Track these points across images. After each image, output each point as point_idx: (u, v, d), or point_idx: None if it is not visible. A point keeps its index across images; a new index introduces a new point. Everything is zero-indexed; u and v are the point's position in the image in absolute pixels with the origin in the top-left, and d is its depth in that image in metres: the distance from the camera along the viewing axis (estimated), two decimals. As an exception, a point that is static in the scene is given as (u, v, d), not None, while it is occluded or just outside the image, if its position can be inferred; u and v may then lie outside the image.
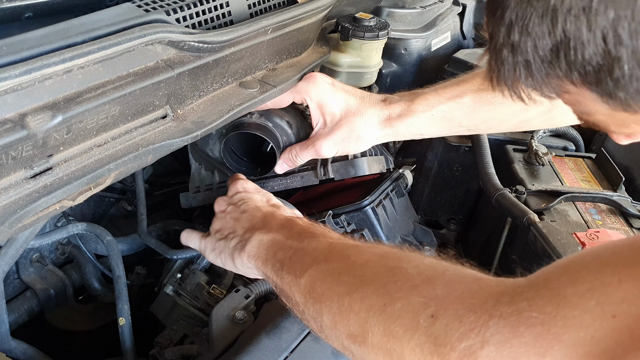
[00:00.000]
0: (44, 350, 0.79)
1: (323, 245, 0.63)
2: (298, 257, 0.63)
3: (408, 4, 1.29)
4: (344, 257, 0.60)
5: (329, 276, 0.58)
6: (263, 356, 0.65)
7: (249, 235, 0.71)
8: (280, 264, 0.65)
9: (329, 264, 0.59)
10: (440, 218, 1.27)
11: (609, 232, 0.89)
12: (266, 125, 0.87)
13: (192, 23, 0.69)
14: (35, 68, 0.49)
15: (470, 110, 0.82)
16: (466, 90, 0.82)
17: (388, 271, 0.54)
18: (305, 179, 0.92)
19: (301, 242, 0.65)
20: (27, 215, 0.53)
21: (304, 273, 0.60)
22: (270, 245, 0.68)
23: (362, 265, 0.57)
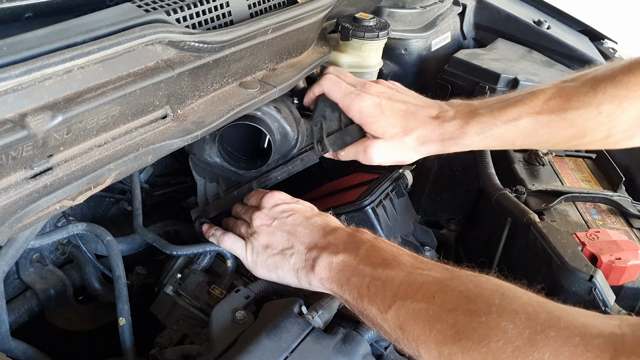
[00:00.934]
0: (44, 350, 0.79)
1: (400, 277, 0.63)
2: (376, 288, 0.64)
3: (408, 4, 1.29)
4: (428, 296, 0.59)
5: (419, 318, 0.58)
6: (263, 356, 0.64)
7: (316, 255, 0.71)
8: (358, 292, 0.65)
9: (414, 304, 0.60)
10: (440, 218, 1.27)
11: (609, 232, 0.89)
12: (255, 114, 0.86)
13: (192, 23, 0.69)
14: (36, 68, 0.49)
15: (526, 133, 0.80)
16: (523, 113, 0.79)
17: (486, 324, 0.53)
18: (305, 160, 0.92)
19: (374, 269, 0.66)
20: (27, 215, 0.53)
21: (389, 309, 0.61)
22: (342, 268, 0.68)
23: (453, 311, 0.56)
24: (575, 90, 0.78)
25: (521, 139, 0.81)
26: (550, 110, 0.78)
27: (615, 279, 0.83)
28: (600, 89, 0.76)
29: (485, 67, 1.24)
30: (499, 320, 0.53)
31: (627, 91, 0.75)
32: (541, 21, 1.47)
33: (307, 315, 0.71)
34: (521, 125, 0.80)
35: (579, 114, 0.77)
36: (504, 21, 1.49)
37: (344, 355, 0.67)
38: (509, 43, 1.44)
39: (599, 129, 0.77)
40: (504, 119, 0.80)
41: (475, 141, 0.82)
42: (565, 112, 0.77)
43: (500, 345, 0.51)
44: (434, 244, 1.06)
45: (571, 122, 0.77)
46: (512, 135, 0.81)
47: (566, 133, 0.79)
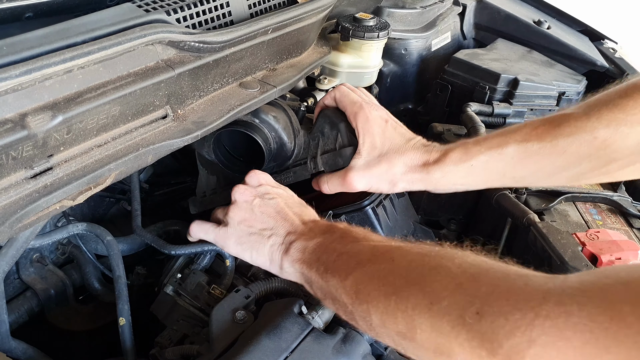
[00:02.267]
0: (44, 350, 0.79)
1: (366, 248, 0.64)
2: (342, 260, 0.64)
3: (408, 4, 1.29)
4: (387, 259, 0.60)
5: (375, 277, 0.59)
6: (263, 356, 0.65)
7: (293, 239, 0.71)
8: (324, 266, 0.65)
9: (374, 266, 0.60)
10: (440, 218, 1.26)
11: (609, 232, 0.89)
12: (252, 121, 0.86)
13: (192, 23, 0.69)
14: (36, 68, 0.50)
15: (515, 161, 0.75)
16: (509, 141, 0.75)
17: (432, 270, 0.55)
18: (297, 174, 0.91)
19: (344, 245, 0.66)
20: (27, 215, 0.53)
21: (349, 275, 0.61)
22: (314, 249, 0.69)
23: (406, 266, 0.58)
24: (566, 116, 0.73)
25: (510, 168, 0.76)
26: (539, 138, 0.73)
27: (615, 279, 0.83)
28: (594, 113, 0.70)
29: (486, 67, 1.24)
30: (443, 262, 0.55)
31: (625, 114, 0.69)
32: (541, 21, 1.47)
33: (307, 315, 0.71)
34: (508, 153, 0.75)
35: (572, 140, 0.71)
36: (504, 21, 1.50)
37: (344, 355, 0.67)
38: (509, 43, 1.44)
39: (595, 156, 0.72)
40: (489, 145, 0.77)
41: (461, 170, 0.78)
42: (556, 139, 0.72)
43: (443, 283, 0.53)
44: (434, 244, 1.06)
45: (563, 149, 0.72)
46: (501, 164, 0.77)
47: (559, 162, 0.73)
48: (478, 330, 0.48)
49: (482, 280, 0.51)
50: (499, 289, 0.49)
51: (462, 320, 0.49)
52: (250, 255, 0.74)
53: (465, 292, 0.51)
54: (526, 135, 0.75)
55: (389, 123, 0.84)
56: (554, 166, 0.74)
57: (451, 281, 0.53)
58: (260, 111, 0.86)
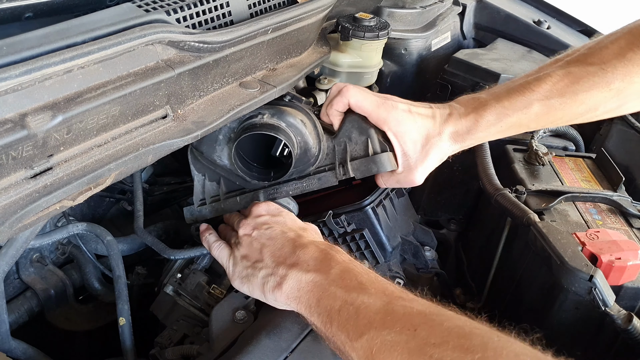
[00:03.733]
0: (44, 350, 0.79)
1: (377, 305, 0.59)
2: (349, 314, 0.60)
3: (408, 4, 1.29)
4: (408, 327, 0.55)
5: (395, 350, 0.54)
6: (263, 356, 0.65)
7: (284, 272, 0.68)
8: (328, 316, 0.61)
9: (391, 334, 0.55)
10: (440, 218, 1.27)
11: (609, 232, 0.89)
12: (279, 124, 0.82)
13: (192, 23, 0.69)
14: (36, 68, 0.50)
15: (539, 117, 0.81)
16: (533, 100, 0.80)
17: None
18: (323, 180, 0.86)
19: (348, 292, 0.62)
20: (27, 215, 0.53)
21: (360, 337, 0.57)
22: (312, 288, 0.65)
23: (438, 346, 0.52)
24: (583, 71, 0.79)
25: (535, 122, 0.82)
26: (561, 94, 0.79)
27: (615, 278, 0.83)
28: (610, 68, 0.77)
29: (485, 67, 1.24)
30: (497, 358, 0.49)
31: (638, 68, 0.76)
32: (541, 21, 1.47)
33: (307, 315, 0.71)
34: (533, 111, 0.80)
35: (590, 94, 0.78)
36: (504, 21, 1.50)
37: (343, 355, 0.67)
38: (508, 43, 1.44)
39: (610, 102, 0.80)
40: (515, 107, 0.81)
41: (491, 132, 0.83)
42: (576, 94, 0.79)
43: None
44: (434, 244, 1.06)
45: (582, 101, 0.79)
46: (526, 121, 0.82)
47: (579, 110, 0.80)
48: None
49: None
50: None
51: None
52: (247, 289, 0.73)
53: None
54: (548, 92, 0.80)
55: (413, 111, 0.84)
56: (573, 114, 0.81)
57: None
58: (288, 114, 0.83)
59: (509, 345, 0.50)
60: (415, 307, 0.58)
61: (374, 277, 0.65)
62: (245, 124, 0.83)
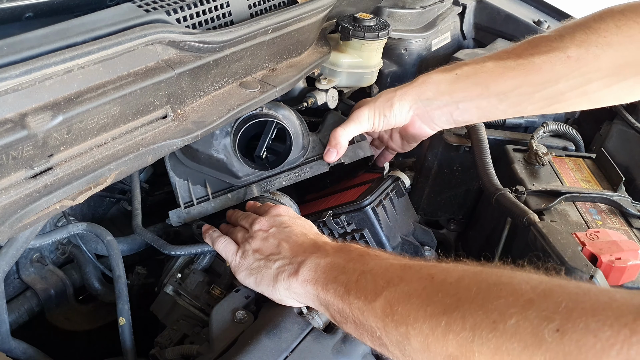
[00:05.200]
0: (44, 350, 0.79)
1: (394, 266, 0.59)
2: (366, 280, 0.59)
3: (408, 4, 1.29)
4: (425, 276, 0.55)
5: (414, 297, 0.54)
6: (263, 356, 0.65)
7: (302, 259, 0.68)
8: (345, 288, 0.61)
9: (410, 284, 0.55)
10: (440, 218, 1.27)
11: (609, 232, 0.89)
12: (277, 114, 0.88)
13: (192, 23, 0.69)
14: (36, 68, 0.50)
15: (495, 75, 0.81)
16: (488, 58, 0.83)
17: (491, 287, 0.49)
18: (315, 168, 0.93)
19: (365, 264, 0.62)
20: (27, 215, 0.53)
21: (379, 296, 0.57)
22: (329, 268, 0.64)
23: (455, 283, 0.52)
24: (543, 37, 0.79)
25: (492, 82, 0.82)
26: (517, 55, 0.79)
27: (615, 279, 0.83)
28: (568, 34, 0.76)
29: (485, 67, 1.24)
30: (510, 280, 0.49)
31: (597, 37, 0.74)
32: (541, 21, 1.47)
33: (307, 315, 0.71)
34: (488, 66, 0.81)
35: (546, 58, 0.76)
36: (504, 21, 1.50)
37: (343, 355, 0.67)
38: (508, 43, 1.44)
39: (572, 76, 0.77)
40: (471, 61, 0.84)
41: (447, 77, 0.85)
42: (532, 56, 0.78)
43: (510, 300, 0.47)
44: (434, 244, 1.06)
45: (539, 66, 0.77)
46: (483, 75, 0.82)
47: (537, 79, 0.79)
48: (560, 350, 0.42)
49: (559, 296, 0.45)
50: (581, 304, 0.43)
51: (538, 339, 0.44)
52: (254, 281, 0.72)
53: (539, 309, 0.45)
54: (503, 54, 0.82)
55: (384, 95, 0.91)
56: (533, 83, 0.80)
57: (519, 298, 0.47)
58: (282, 108, 0.90)
59: (520, 275, 0.50)
60: (433, 264, 0.59)
61: (390, 254, 0.66)
62: (245, 115, 0.86)
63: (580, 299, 0.44)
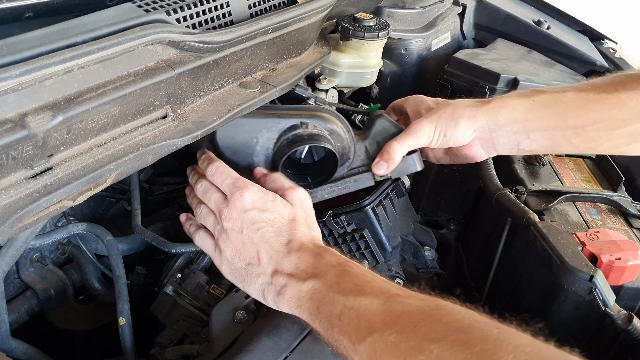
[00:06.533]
0: (44, 350, 0.80)
1: (376, 306, 0.58)
2: (349, 319, 0.59)
3: (408, 4, 1.29)
4: (408, 325, 0.55)
5: (398, 351, 0.54)
6: (263, 356, 0.65)
7: (283, 282, 0.66)
8: (329, 322, 0.61)
9: (393, 335, 0.55)
10: (440, 218, 1.27)
11: (609, 232, 0.89)
12: (323, 133, 0.83)
13: (192, 23, 0.69)
14: (36, 68, 0.50)
15: (576, 107, 0.76)
16: (568, 88, 0.78)
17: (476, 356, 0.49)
18: (360, 182, 0.88)
19: (345, 297, 0.61)
20: (27, 215, 0.53)
21: (363, 340, 0.57)
22: (311, 296, 0.64)
23: (436, 342, 0.52)
24: (629, 75, 0.75)
25: (573, 113, 0.76)
26: (600, 89, 0.74)
27: (615, 279, 0.83)
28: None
29: (485, 67, 1.24)
30: (495, 351, 0.48)
31: None
32: (541, 21, 1.47)
33: (307, 315, 0.71)
34: (568, 96, 0.76)
35: (634, 94, 0.72)
36: (504, 21, 1.50)
37: (343, 356, 0.67)
38: (508, 43, 1.44)
39: None
40: (550, 89, 0.79)
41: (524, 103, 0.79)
42: (617, 91, 0.73)
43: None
44: (434, 244, 1.06)
45: (624, 102, 0.73)
46: (561, 106, 0.76)
47: (619, 115, 0.73)
48: None
49: None
50: None
51: None
52: (242, 287, 0.71)
53: None
54: (584, 86, 0.77)
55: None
56: (615, 119, 0.75)
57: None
58: (328, 121, 0.85)
59: (509, 337, 0.50)
60: (414, 303, 0.58)
61: (370, 277, 0.64)
62: (289, 135, 0.83)
63: None
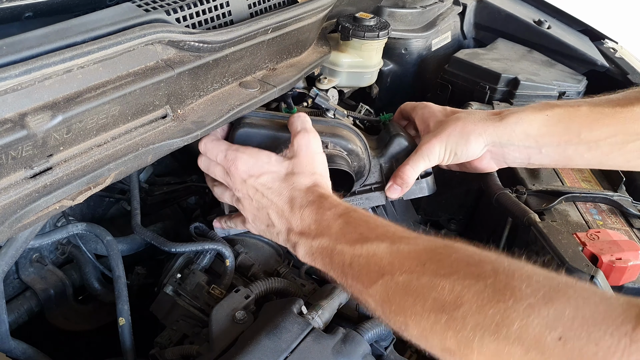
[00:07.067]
0: (43, 350, 0.79)
1: (383, 250, 0.59)
2: (360, 265, 0.61)
3: (408, 4, 1.29)
4: (416, 264, 0.55)
5: (409, 290, 0.54)
6: (263, 356, 0.64)
7: (296, 240, 0.71)
8: (341, 271, 0.63)
9: (402, 275, 0.55)
10: (440, 218, 1.26)
11: (610, 232, 0.89)
12: (342, 154, 0.83)
13: (192, 23, 0.69)
14: (35, 68, 0.49)
15: (590, 121, 0.75)
16: (582, 102, 0.77)
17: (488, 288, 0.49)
18: (371, 200, 0.88)
19: (352, 246, 0.63)
20: (27, 215, 0.53)
21: (374, 283, 0.58)
22: (321, 251, 0.67)
23: (447, 277, 0.52)
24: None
25: (586, 127, 0.76)
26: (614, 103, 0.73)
27: (616, 279, 0.83)
28: None
29: (486, 67, 1.24)
30: (508, 281, 0.48)
31: None
32: (541, 21, 1.47)
33: (307, 315, 0.71)
34: (582, 111, 0.75)
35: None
36: (504, 21, 1.49)
37: (343, 356, 0.67)
38: (509, 43, 1.44)
39: None
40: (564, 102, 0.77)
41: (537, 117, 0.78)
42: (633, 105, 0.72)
43: (510, 304, 0.47)
44: (434, 244, 1.05)
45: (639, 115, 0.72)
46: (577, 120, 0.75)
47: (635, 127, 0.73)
48: (562, 357, 0.43)
49: (560, 302, 0.46)
50: (581, 312, 0.44)
51: (539, 345, 0.45)
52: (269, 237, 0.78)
53: (541, 316, 0.45)
54: (601, 101, 0.76)
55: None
56: (629, 133, 0.75)
57: (521, 302, 0.47)
58: (347, 140, 0.85)
59: (520, 267, 0.50)
60: (421, 243, 0.59)
61: (373, 223, 0.66)
62: None
63: (581, 307, 0.45)
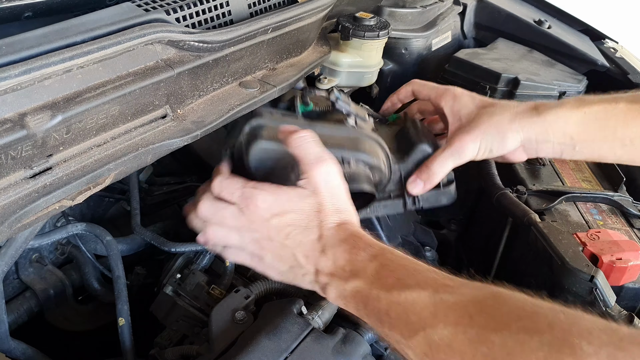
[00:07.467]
0: (43, 350, 0.79)
1: (424, 300, 0.54)
2: (397, 314, 0.56)
3: (409, 4, 1.28)
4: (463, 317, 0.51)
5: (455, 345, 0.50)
6: (263, 357, 0.64)
7: (326, 281, 0.62)
8: (377, 318, 0.58)
9: (447, 328, 0.51)
10: (440, 218, 1.26)
11: (610, 233, 0.89)
12: (365, 172, 0.77)
13: (191, 22, 0.69)
14: (35, 68, 0.49)
15: (627, 118, 0.74)
16: (620, 98, 0.76)
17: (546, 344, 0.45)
18: (389, 208, 0.83)
19: (389, 292, 0.57)
20: (26, 215, 0.53)
21: (415, 334, 0.53)
22: (354, 295, 0.60)
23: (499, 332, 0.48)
24: None
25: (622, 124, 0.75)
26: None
27: (616, 279, 0.83)
28: None
29: (486, 66, 1.24)
30: (566, 337, 0.45)
31: None
32: (542, 21, 1.47)
33: (307, 315, 0.71)
34: (620, 108, 0.74)
35: None
36: (505, 21, 1.49)
37: (343, 356, 0.67)
38: (509, 43, 1.44)
39: None
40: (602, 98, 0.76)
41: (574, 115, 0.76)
42: None
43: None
44: (434, 244, 1.06)
45: None
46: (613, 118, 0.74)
47: None
48: None
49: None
50: None
51: None
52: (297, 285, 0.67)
53: None
54: (637, 97, 0.75)
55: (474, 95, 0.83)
56: None
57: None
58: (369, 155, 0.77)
59: (578, 321, 0.46)
60: (467, 292, 0.54)
61: (412, 267, 0.60)
62: None
63: None
